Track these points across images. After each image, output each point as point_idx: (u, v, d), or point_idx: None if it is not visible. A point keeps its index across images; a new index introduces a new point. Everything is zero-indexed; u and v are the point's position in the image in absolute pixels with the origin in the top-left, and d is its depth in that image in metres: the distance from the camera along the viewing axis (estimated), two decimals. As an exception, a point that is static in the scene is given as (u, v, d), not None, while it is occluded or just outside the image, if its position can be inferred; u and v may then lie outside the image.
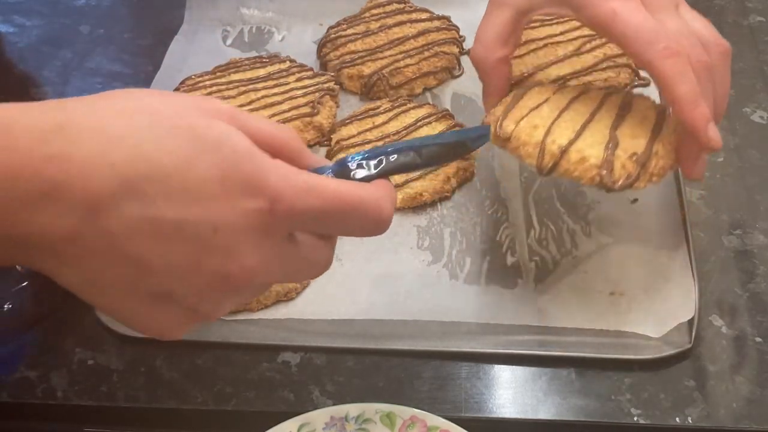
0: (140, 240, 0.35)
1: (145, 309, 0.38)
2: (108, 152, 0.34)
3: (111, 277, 0.36)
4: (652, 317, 0.58)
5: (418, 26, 0.79)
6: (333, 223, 0.40)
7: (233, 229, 0.36)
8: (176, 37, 0.81)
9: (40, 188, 0.33)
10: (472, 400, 0.54)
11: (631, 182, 0.52)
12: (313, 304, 0.60)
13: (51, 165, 0.33)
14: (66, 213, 0.34)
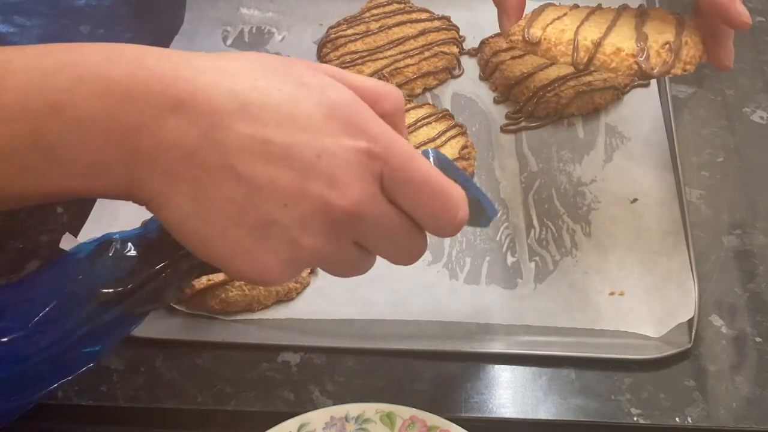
0: (251, 158, 0.38)
1: (249, 243, 0.39)
2: (228, 81, 0.38)
3: (222, 199, 0.38)
4: (652, 317, 0.58)
5: (418, 26, 0.79)
6: (427, 201, 0.41)
7: (335, 158, 0.39)
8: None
9: (169, 102, 0.37)
10: (472, 400, 0.54)
11: (668, 69, 0.54)
12: (313, 304, 0.60)
13: (180, 84, 0.37)
14: (189, 126, 0.37)
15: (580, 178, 0.68)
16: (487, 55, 0.77)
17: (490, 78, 0.77)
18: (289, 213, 0.39)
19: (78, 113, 0.37)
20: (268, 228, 0.39)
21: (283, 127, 0.38)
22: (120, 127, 0.37)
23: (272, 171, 0.38)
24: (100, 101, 0.37)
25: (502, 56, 0.76)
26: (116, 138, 0.37)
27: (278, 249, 0.40)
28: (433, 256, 0.63)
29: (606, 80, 0.73)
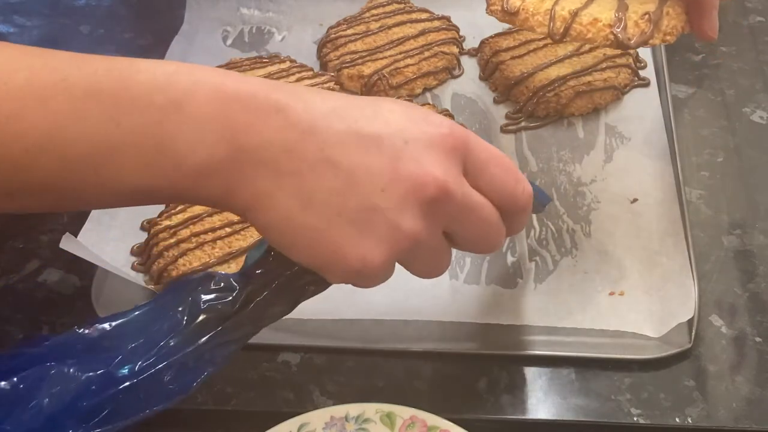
0: (346, 149, 0.41)
1: (353, 231, 0.41)
2: (317, 92, 0.43)
3: (323, 190, 0.41)
4: (652, 317, 0.58)
5: (418, 26, 0.79)
6: (502, 173, 0.45)
7: (421, 143, 0.42)
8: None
9: (272, 106, 0.41)
10: (472, 400, 0.54)
11: (646, 39, 0.53)
12: (313, 304, 0.60)
13: (280, 93, 0.42)
14: (289, 126, 0.41)
15: (580, 178, 0.68)
16: (487, 55, 0.77)
17: (490, 78, 0.77)
18: (387, 197, 0.41)
19: (195, 111, 0.40)
20: (370, 213, 0.41)
21: (371, 122, 0.42)
22: (229, 127, 0.40)
23: (366, 159, 0.41)
24: (214, 103, 0.40)
25: (502, 56, 0.76)
26: (226, 136, 0.40)
27: (381, 235, 0.42)
28: (433, 256, 0.63)
29: (606, 80, 0.73)
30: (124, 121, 0.40)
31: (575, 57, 0.74)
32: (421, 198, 0.42)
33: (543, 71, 0.74)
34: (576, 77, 0.73)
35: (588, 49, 0.75)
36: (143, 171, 0.40)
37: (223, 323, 0.44)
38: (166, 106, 0.40)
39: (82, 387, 0.42)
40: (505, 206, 0.46)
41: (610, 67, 0.74)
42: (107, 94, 0.40)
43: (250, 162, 0.41)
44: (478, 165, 0.44)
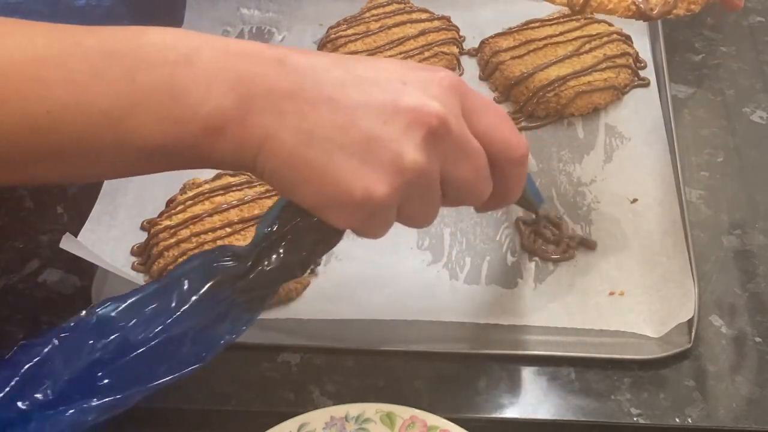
0: (347, 89, 0.43)
1: (356, 162, 0.42)
2: (319, 52, 0.46)
3: (325, 125, 0.42)
4: (652, 317, 0.58)
5: (418, 26, 0.79)
6: (497, 120, 0.46)
7: (420, 82, 0.44)
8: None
9: (276, 58, 0.43)
10: (472, 400, 0.54)
11: (669, 9, 0.52)
12: (313, 304, 0.60)
13: (281, 49, 0.44)
14: (292, 72, 0.43)
15: (580, 178, 0.68)
16: (487, 55, 0.77)
17: (490, 78, 0.77)
18: (389, 128, 0.42)
19: (205, 65, 0.42)
20: (372, 144, 0.42)
21: (370, 68, 0.44)
22: (236, 78, 0.42)
23: (367, 96, 0.43)
24: (221, 58, 0.43)
25: (502, 56, 0.76)
26: (233, 86, 0.42)
27: (384, 165, 0.42)
28: (433, 256, 0.63)
29: (606, 80, 0.73)
30: (139, 77, 0.41)
31: (575, 57, 0.74)
32: (423, 129, 0.43)
33: (543, 71, 0.74)
34: (576, 77, 0.73)
35: (588, 49, 0.75)
36: (161, 125, 0.42)
37: (235, 283, 0.45)
38: (177, 60, 0.42)
39: (98, 355, 0.43)
40: (500, 155, 0.46)
41: (610, 67, 0.74)
42: (121, 54, 0.42)
43: (256, 107, 0.42)
44: (474, 109, 0.45)
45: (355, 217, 0.44)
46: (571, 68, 0.74)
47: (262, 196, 0.64)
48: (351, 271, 0.62)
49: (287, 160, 0.43)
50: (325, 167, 0.42)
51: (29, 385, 0.41)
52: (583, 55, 0.75)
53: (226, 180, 0.65)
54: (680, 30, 0.80)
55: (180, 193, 0.65)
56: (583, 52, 0.75)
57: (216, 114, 0.42)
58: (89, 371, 0.42)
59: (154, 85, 0.42)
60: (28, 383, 0.41)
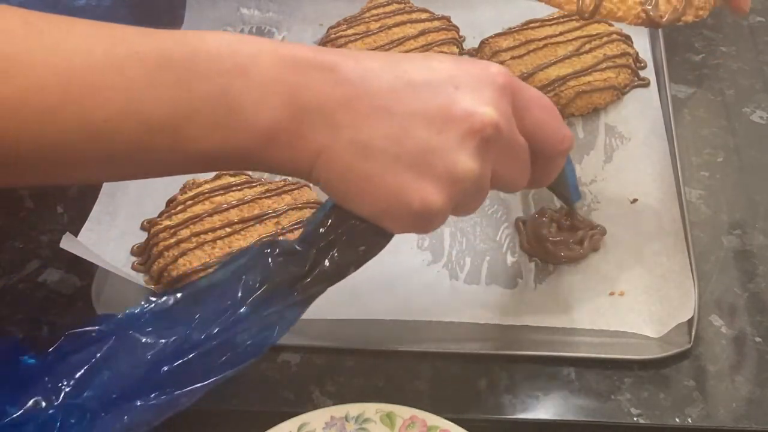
0: (400, 96, 0.43)
1: (412, 174, 0.43)
2: (369, 52, 0.45)
3: (380, 137, 0.42)
4: (652, 317, 0.58)
5: (418, 26, 0.79)
6: (549, 116, 0.46)
7: (472, 85, 0.43)
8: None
9: (327, 65, 0.43)
10: (472, 400, 0.54)
11: (678, 16, 0.52)
12: (313, 304, 0.60)
13: (331, 54, 0.44)
14: (343, 81, 0.43)
15: (580, 178, 0.68)
16: (487, 55, 0.77)
17: (490, 78, 0.77)
18: (444, 138, 0.42)
19: (259, 75, 0.42)
20: (428, 156, 0.42)
21: (420, 72, 0.44)
22: (289, 89, 0.43)
23: (419, 104, 0.43)
24: (275, 67, 0.43)
25: (502, 56, 0.76)
26: (287, 98, 0.43)
27: (440, 176, 0.43)
28: (433, 256, 0.63)
29: (606, 80, 0.73)
30: (195, 87, 0.42)
31: (575, 57, 0.74)
32: (477, 137, 0.43)
33: (543, 71, 0.74)
34: (576, 77, 0.73)
35: (588, 49, 0.75)
36: (216, 134, 0.42)
37: (295, 285, 0.46)
38: (232, 71, 0.42)
39: (160, 353, 0.43)
40: (547, 148, 0.47)
41: (610, 67, 0.74)
42: (178, 63, 0.42)
43: (310, 120, 0.43)
44: (524, 104, 0.45)
45: (412, 225, 0.45)
46: (571, 68, 0.74)
47: (262, 196, 0.64)
48: (351, 271, 0.62)
49: (343, 173, 0.43)
50: (381, 180, 0.43)
51: (88, 382, 0.42)
52: (583, 55, 0.75)
53: (226, 180, 0.65)
54: (680, 30, 0.80)
55: (180, 193, 0.65)
56: (583, 52, 0.75)
57: (270, 125, 0.43)
58: (152, 368, 0.43)
59: (210, 95, 0.42)
60: (87, 379, 0.42)
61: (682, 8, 0.53)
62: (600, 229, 0.63)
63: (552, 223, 0.62)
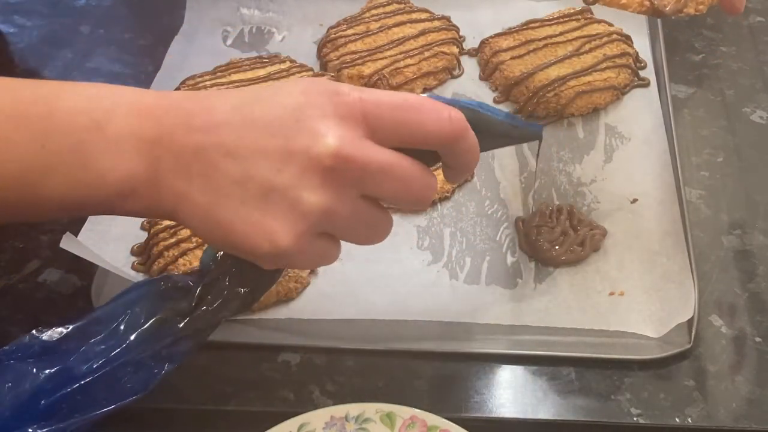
0: (242, 140, 0.43)
1: (258, 214, 0.43)
2: (223, 93, 0.45)
3: (226, 184, 0.43)
4: (652, 317, 0.58)
5: (418, 26, 0.79)
6: (407, 115, 0.44)
7: (313, 116, 0.42)
8: (176, 37, 0.81)
9: (180, 116, 0.43)
10: (472, 400, 0.54)
11: (681, 8, 0.53)
12: (313, 304, 0.60)
13: (189, 102, 0.44)
14: (195, 132, 0.43)
15: (580, 178, 0.68)
16: (487, 55, 0.77)
17: (490, 78, 0.77)
18: (283, 176, 0.42)
19: (114, 130, 0.43)
20: (270, 195, 0.42)
21: (266, 109, 0.43)
22: (145, 142, 0.43)
23: (260, 144, 0.42)
24: (131, 121, 0.43)
25: (502, 56, 0.76)
26: (143, 150, 0.43)
27: (283, 213, 0.42)
28: (433, 256, 0.63)
29: (606, 80, 0.73)
30: (50, 143, 0.43)
31: (575, 57, 0.74)
32: (318, 170, 0.42)
33: (543, 71, 0.74)
34: (576, 77, 0.73)
35: (588, 49, 0.75)
36: (73, 188, 0.43)
37: (181, 321, 0.46)
38: (88, 126, 0.43)
39: (41, 384, 0.43)
40: (432, 141, 0.45)
41: (610, 67, 0.74)
42: (33, 119, 0.43)
43: (165, 170, 0.43)
44: (381, 122, 0.44)
45: (273, 263, 0.45)
46: (571, 68, 0.74)
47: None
48: (351, 271, 0.62)
49: (202, 219, 0.44)
50: (232, 225, 0.43)
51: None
52: (583, 55, 0.75)
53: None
54: (680, 30, 0.80)
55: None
56: (583, 52, 0.75)
57: (126, 179, 0.43)
58: (31, 400, 0.43)
59: (64, 152, 0.43)
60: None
61: (684, 0, 0.53)
62: (600, 229, 0.63)
63: (546, 228, 0.62)
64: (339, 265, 0.62)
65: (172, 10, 0.85)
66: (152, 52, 0.81)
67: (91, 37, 0.84)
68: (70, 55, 0.82)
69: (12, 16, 0.86)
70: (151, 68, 0.78)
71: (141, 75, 0.78)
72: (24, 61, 0.83)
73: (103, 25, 0.85)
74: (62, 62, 0.81)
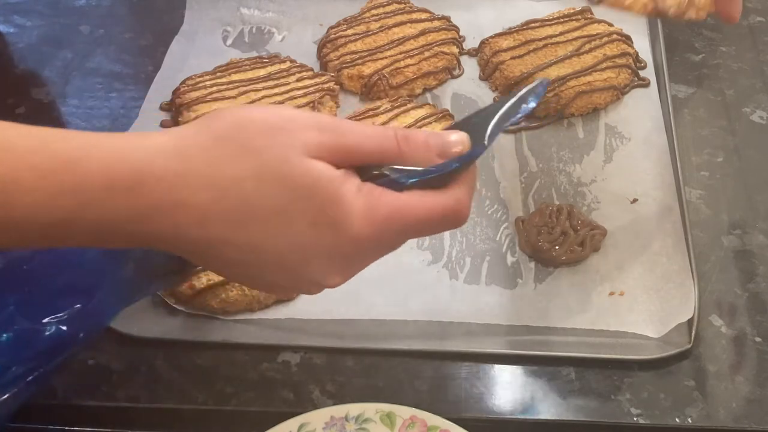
0: (247, 267, 0.42)
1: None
2: (220, 201, 0.41)
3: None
4: (652, 317, 0.58)
5: (418, 26, 0.79)
6: (415, 233, 0.43)
7: (321, 260, 0.42)
8: (176, 37, 0.81)
9: (166, 228, 0.40)
10: (472, 400, 0.54)
11: (682, 12, 0.54)
12: (313, 304, 0.60)
13: (176, 211, 0.40)
14: (181, 248, 0.42)
15: (580, 179, 0.68)
16: (487, 55, 0.77)
17: (490, 78, 0.77)
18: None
19: (83, 226, 0.40)
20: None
21: (271, 237, 0.41)
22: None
23: (267, 274, 0.43)
24: (96, 228, 0.40)
25: (502, 56, 0.76)
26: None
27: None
28: (433, 256, 0.63)
29: (606, 80, 0.73)
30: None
31: (575, 57, 0.74)
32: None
33: (543, 71, 0.74)
34: (576, 77, 0.73)
35: (588, 49, 0.75)
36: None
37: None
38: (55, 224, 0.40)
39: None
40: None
41: (610, 67, 0.74)
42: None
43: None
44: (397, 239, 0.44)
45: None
46: (571, 68, 0.74)
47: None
48: (351, 271, 0.62)
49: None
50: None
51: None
52: (583, 55, 0.75)
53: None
54: (680, 30, 0.80)
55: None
56: (583, 52, 0.75)
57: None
58: None
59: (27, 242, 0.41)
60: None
61: (685, 5, 0.54)
62: (600, 229, 0.63)
63: (546, 228, 0.62)
64: (339, 265, 0.62)
65: (172, 10, 0.85)
66: (152, 52, 0.81)
67: (91, 37, 0.84)
68: (69, 55, 0.82)
69: (12, 16, 0.86)
70: (150, 68, 0.78)
71: (141, 75, 0.79)
72: (24, 61, 0.83)
73: (103, 25, 0.85)
74: (62, 62, 0.81)
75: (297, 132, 0.41)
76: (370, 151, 0.42)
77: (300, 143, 0.41)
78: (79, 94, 0.77)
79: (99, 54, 0.82)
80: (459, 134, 0.44)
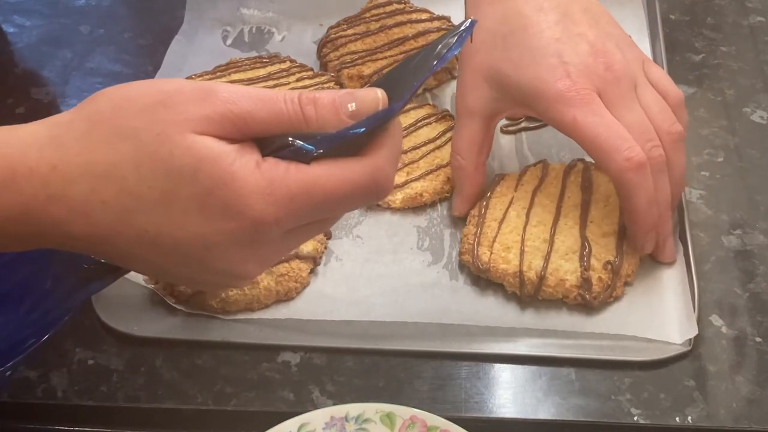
0: (150, 261, 0.40)
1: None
2: (98, 190, 0.37)
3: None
4: (652, 318, 0.58)
5: (417, 26, 0.79)
6: (330, 210, 0.40)
7: (223, 247, 0.39)
8: (176, 37, 0.81)
9: (47, 224, 0.38)
10: (472, 400, 0.54)
11: (610, 293, 0.57)
12: (313, 304, 0.60)
13: (53, 206, 0.37)
14: (74, 246, 0.39)
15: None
16: (487, 55, 0.77)
17: (490, 78, 0.77)
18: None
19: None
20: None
21: (162, 227, 0.38)
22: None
23: (167, 262, 0.40)
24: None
25: (502, 56, 0.76)
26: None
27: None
28: (433, 256, 0.63)
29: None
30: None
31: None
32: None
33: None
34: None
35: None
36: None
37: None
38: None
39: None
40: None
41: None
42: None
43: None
44: (308, 218, 0.41)
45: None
46: (571, 68, 0.73)
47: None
48: (351, 271, 0.62)
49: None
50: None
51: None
52: (583, 55, 0.75)
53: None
54: (680, 30, 0.80)
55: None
56: (583, 52, 0.75)
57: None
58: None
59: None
60: None
61: (613, 283, 0.57)
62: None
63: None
64: (339, 266, 0.62)
65: (172, 10, 0.85)
66: (152, 52, 0.81)
67: (90, 37, 0.84)
68: (69, 55, 0.82)
69: (12, 15, 0.86)
70: (150, 68, 0.78)
71: (141, 75, 0.78)
72: (24, 61, 0.83)
73: (102, 25, 0.85)
74: (62, 62, 0.81)
75: (179, 106, 0.37)
76: (265, 118, 0.39)
77: (182, 118, 0.37)
78: (79, 94, 0.77)
79: (99, 54, 0.82)
80: (372, 90, 0.40)
